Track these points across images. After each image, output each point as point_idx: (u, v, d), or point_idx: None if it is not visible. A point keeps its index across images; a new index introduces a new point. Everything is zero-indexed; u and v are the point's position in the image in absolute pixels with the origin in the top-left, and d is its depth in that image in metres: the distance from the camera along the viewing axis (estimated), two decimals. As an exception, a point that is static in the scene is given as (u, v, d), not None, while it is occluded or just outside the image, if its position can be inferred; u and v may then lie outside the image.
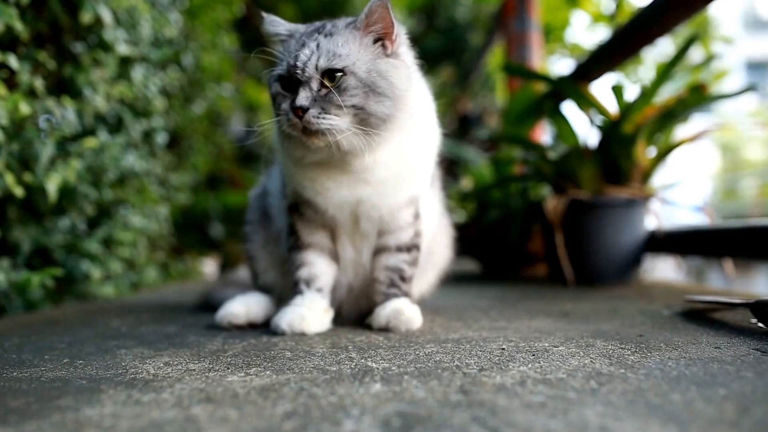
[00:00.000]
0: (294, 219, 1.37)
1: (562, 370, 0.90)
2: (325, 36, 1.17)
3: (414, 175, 1.31)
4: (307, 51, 1.15)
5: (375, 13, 1.17)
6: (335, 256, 1.38)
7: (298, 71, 1.14)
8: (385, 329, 1.30)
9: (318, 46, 1.15)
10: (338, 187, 1.26)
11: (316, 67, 1.14)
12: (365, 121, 1.15)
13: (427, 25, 7.60)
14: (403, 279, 1.36)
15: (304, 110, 1.12)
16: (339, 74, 1.14)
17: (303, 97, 1.13)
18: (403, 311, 1.30)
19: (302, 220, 1.36)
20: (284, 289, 1.49)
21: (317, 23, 1.25)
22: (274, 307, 1.47)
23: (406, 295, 1.37)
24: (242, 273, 1.96)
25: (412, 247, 1.37)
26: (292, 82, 1.17)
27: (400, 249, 1.36)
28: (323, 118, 1.13)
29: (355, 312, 1.46)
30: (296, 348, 1.13)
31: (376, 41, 1.19)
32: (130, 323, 1.57)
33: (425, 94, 1.34)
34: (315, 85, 1.14)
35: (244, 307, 1.43)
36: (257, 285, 1.56)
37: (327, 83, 1.14)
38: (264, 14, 1.27)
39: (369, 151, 1.18)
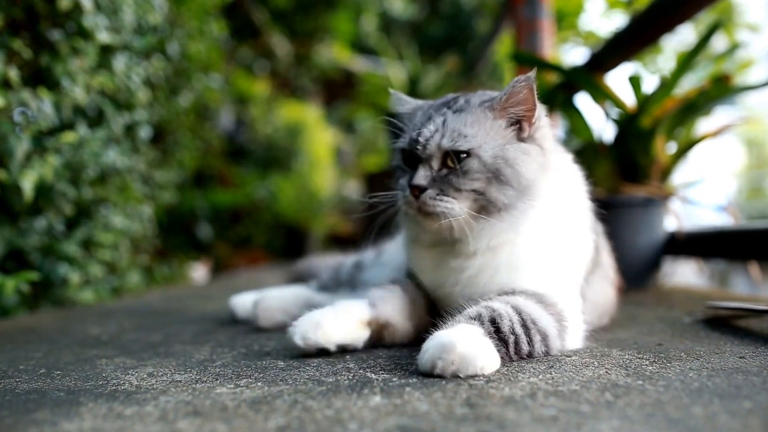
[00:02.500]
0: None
1: (576, 381, 0.90)
2: (454, 112, 1.17)
3: (529, 270, 1.19)
4: (431, 127, 1.15)
5: (518, 93, 1.14)
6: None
7: (419, 147, 1.15)
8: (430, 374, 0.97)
9: (444, 122, 1.15)
10: (439, 268, 1.22)
11: (438, 146, 1.13)
12: (484, 207, 1.14)
13: (430, 11, 7.61)
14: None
15: (421, 190, 1.12)
16: (463, 155, 1.12)
17: (421, 176, 1.13)
18: (454, 345, 0.95)
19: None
20: None
21: (450, 96, 1.25)
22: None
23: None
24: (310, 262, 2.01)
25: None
26: (413, 157, 1.18)
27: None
28: (440, 200, 1.12)
29: None
30: (290, 357, 1.13)
31: (511, 124, 1.17)
32: (111, 331, 1.57)
33: (567, 180, 1.28)
34: (435, 164, 1.15)
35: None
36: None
37: (450, 163, 1.13)
38: (392, 91, 1.29)
39: (476, 237, 1.15)
